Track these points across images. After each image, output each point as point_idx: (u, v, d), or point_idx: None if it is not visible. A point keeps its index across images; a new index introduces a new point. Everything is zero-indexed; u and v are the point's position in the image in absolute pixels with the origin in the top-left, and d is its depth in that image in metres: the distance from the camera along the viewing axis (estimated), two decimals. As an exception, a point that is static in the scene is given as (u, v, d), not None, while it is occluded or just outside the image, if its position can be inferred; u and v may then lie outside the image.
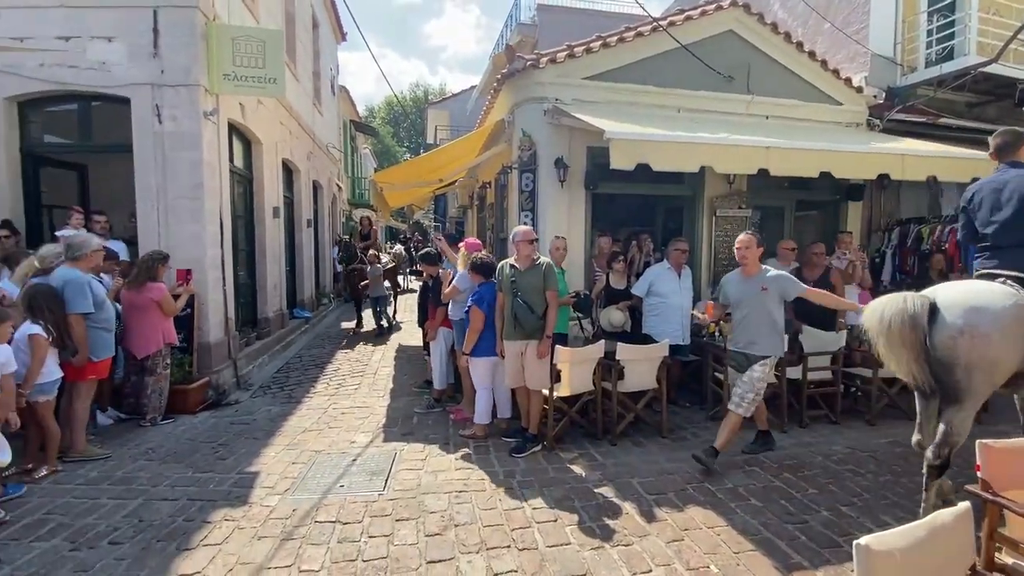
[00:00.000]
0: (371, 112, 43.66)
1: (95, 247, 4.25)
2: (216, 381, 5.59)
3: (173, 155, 5.40)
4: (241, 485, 3.57)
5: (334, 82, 14.49)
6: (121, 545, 2.84)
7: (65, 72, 5.33)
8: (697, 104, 6.15)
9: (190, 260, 5.46)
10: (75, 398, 4.02)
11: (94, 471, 3.75)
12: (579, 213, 5.86)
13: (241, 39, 5.67)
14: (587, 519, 3.16)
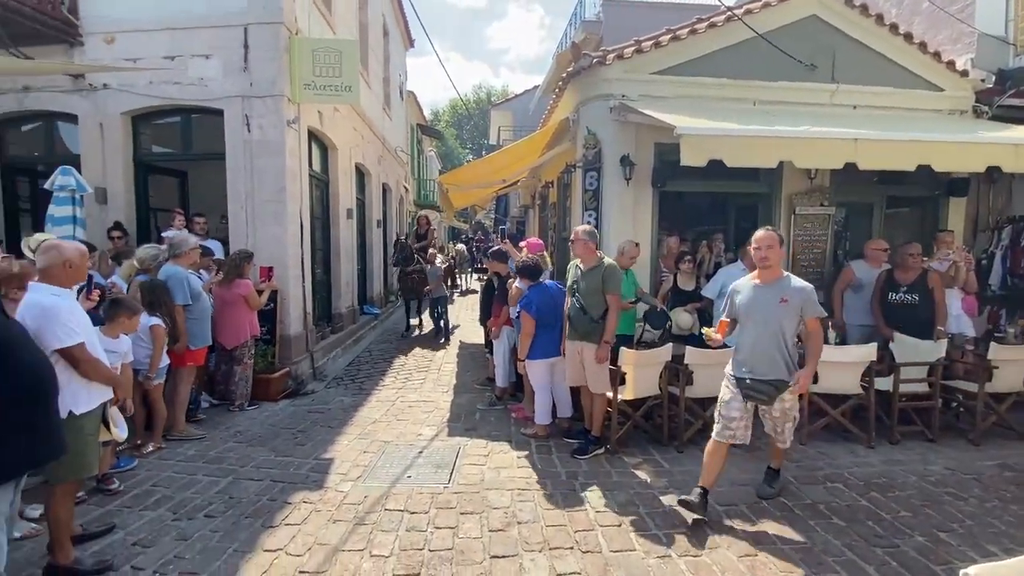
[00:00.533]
0: (436, 115, 44.89)
1: (192, 245, 4.68)
2: (295, 371, 5.97)
3: (260, 161, 5.83)
4: (317, 470, 3.79)
5: (402, 87, 15.03)
6: (214, 519, 3.11)
7: (170, 88, 5.90)
8: (775, 96, 5.81)
9: (274, 259, 5.87)
10: (178, 382, 4.44)
11: (191, 450, 4.13)
12: (645, 212, 5.71)
13: (320, 50, 6.01)
14: (652, 526, 3.08)
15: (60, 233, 4.91)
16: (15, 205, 6.64)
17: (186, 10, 5.77)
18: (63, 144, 6.52)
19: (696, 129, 4.26)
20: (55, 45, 5.86)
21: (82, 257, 2.65)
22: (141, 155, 6.38)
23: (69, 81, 6.01)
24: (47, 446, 2.06)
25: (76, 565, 2.54)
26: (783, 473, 3.59)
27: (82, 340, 2.54)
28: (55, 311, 2.45)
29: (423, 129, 20.89)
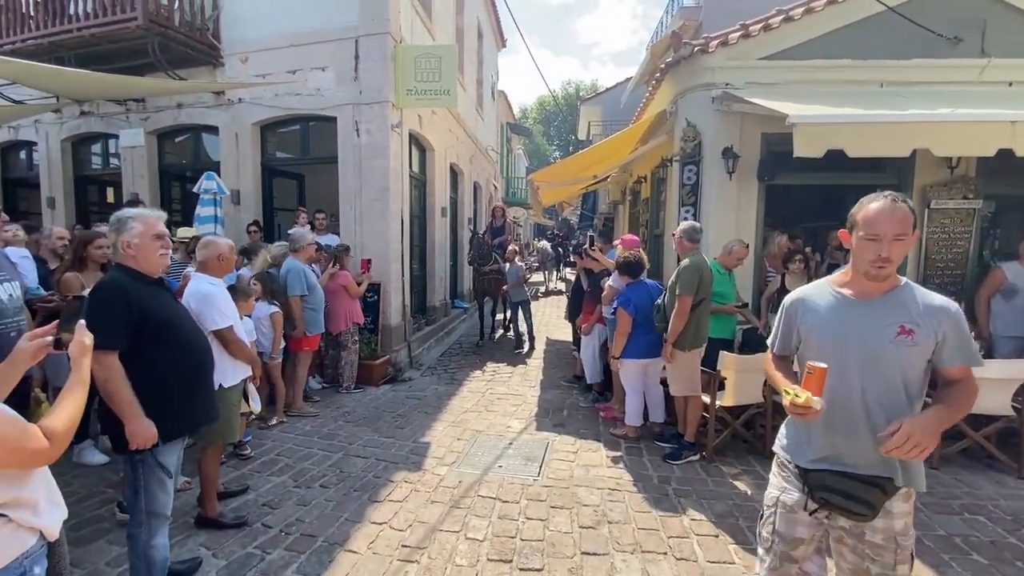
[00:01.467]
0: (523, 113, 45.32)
1: (309, 241, 5.16)
2: (394, 359, 6.38)
3: (366, 163, 6.28)
4: (416, 453, 4.03)
5: (494, 87, 15.35)
6: (328, 489, 3.42)
7: (292, 99, 6.54)
8: (907, 75, 5.17)
9: (377, 253, 6.31)
10: (297, 364, 4.94)
11: (307, 425, 4.57)
12: (749, 207, 5.36)
13: (422, 57, 6.33)
14: (754, 541, 2.89)
15: (204, 230, 5.65)
16: (169, 206, 7.74)
17: (306, 27, 6.35)
18: (206, 152, 7.48)
19: (812, 117, 3.92)
20: (202, 67, 6.73)
21: (231, 251, 3.05)
22: (267, 160, 7.13)
23: (212, 97, 6.87)
24: (208, 411, 2.41)
25: (220, 518, 2.94)
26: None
27: (231, 323, 2.91)
28: (213, 297, 2.83)
29: (512, 127, 21.20)
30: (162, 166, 7.60)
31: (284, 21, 6.44)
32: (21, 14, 6.64)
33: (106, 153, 8.16)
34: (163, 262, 2.26)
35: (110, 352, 1.98)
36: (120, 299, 2.04)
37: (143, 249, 2.14)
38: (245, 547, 2.78)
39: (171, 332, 2.21)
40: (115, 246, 2.15)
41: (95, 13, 6.12)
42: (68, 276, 3.40)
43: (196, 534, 2.88)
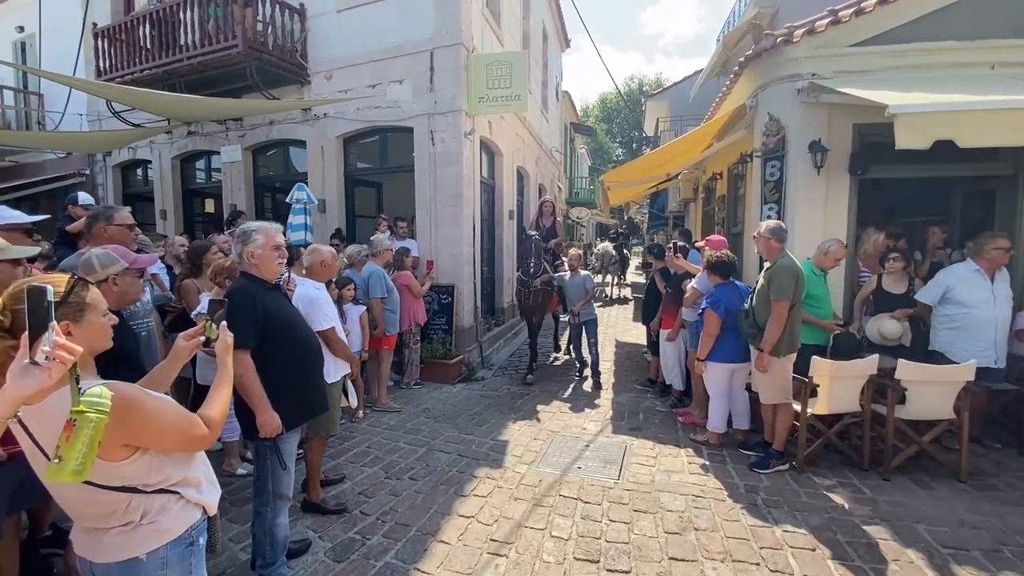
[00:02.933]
0: (585, 111, 44.93)
1: (386, 246, 5.43)
2: (468, 359, 6.57)
3: (441, 171, 6.52)
4: (495, 450, 4.15)
5: (558, 88, 15.36)
6: (416, 481, 3.61)
7: (372, 112, 6.91)
8: (1021, 56, 4.67)
9: (451, 256, 6.54)
10: (380, 362, 5.23)
11: (392, 420, 4.83)
12: (840, 203, 5.04)
13: (493, 64, 6.49)
14: (856, 557, 2.76)
15: (295, 238, 6.09)
16: (263, 215, 8.41)
17: (385, 43, 6.69)
18: (294, 165, 8.06)
19: (916, 106, 3.64)
20: (291, 85, 7.28)
21: (333, 258, 3.32)
22: (349, 170, 7.57)
23: (300, 114, 7.40)
24: (321, 403, 2.65)
25: (323, 503, 3.19)
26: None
27: (334, 325, 3.16)
28: (319, 301, 3.09)
29: (576, 127, 21.10)
30: (256, 179, 8.27)
31: (364, 39, 6.83)
32: (139, 47, 7.49)
33: (209, 168, 9.01)
34: (280, 270, 2.51)
35: (244, 350, 2.22)
36: (249, 303, 2.29)
37: (264, 259, 2.39)
38: (347, 532, 3.00)
39: (290, 332, 2.44)
40: (241, 256, 2.40)
41: (202, 43, 6.79)
42: (187, 283, 3.82)
43: (303, 517, 3.14)
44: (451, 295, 6.45)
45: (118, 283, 2.30)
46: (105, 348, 1.45)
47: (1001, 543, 2.87)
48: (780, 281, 3.60)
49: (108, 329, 1.45)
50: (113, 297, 2.21)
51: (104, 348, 1.45)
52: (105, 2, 8.84)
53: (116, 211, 3.07)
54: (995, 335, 3.89)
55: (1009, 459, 3.96)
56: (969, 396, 3.57)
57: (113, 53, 7.70)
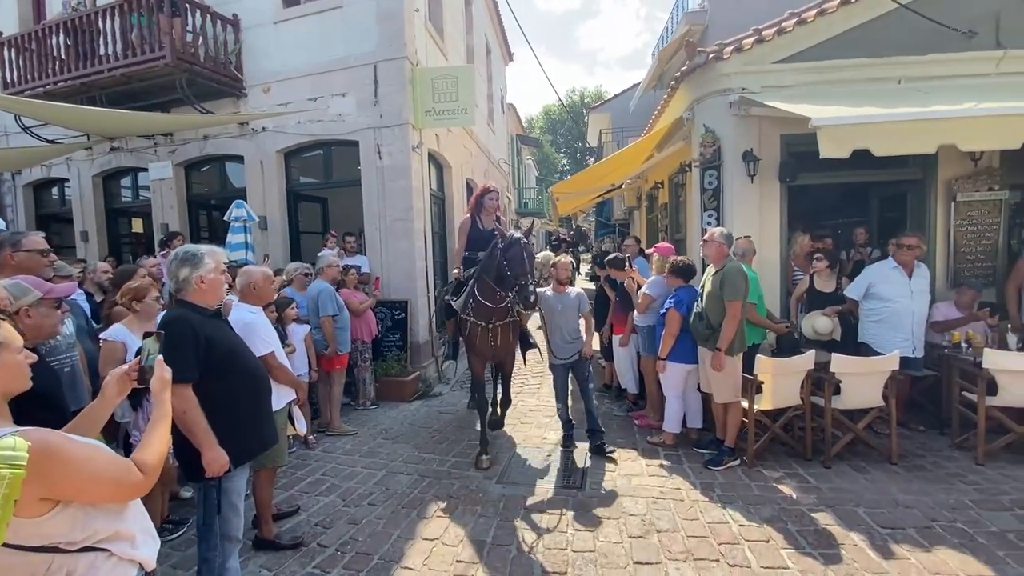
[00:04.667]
0: (530, 123, 45.64)
1: (329, 263, 5.24)
2: (424, 375, 6.46)
3: (390, 184, 6.41)
4: (458, 468, 4.09)
5: (503, 101, 15.55)
6: (377, 507, 3.49)
7: (314, 126, 6.72)
8: (925, 71, 5.16)
9: (403, 271, 6.43)
10: (332, 384, 5.04)
11: (348, 444, 4.66)
12: (772, 209, 5.37)
13: (439, 78, 6.48)
14: (806, 545, 2.91)
15: (235, 258, 5.80)
16: (197, 235, 7.95)
17: (326, 56, 6.54)
18: (231, 181, 7.69)
19: (835, 119, 3.95)
20: (227, 98, 6.96)
21: (266, 279, 3.10)
22: (291, 186, 7.31)
23: (237, 128, 7.09)
24: (270, 434, 2.51)
25: (277, 539, 3.02)
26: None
27: (274, 349, 3.01)
28: (254, 325, 2.93)
29: (522, 139, 21.40)
30: (190, 196, 7.83)
31: (304, 52, 6.65)
32: (52, 57, 6.94)
33: (136, 186, 8.43)
34: (224, 295, 2.37)
35: (185, 384, 2.08)
36: (189, 332, 2.14)
37: (215, 284, 2.25)
38: (305, 567, 2.85)
39: (234, 361, 2.31)
40: (186, 281, 2.25)
41: (124, 54, 6.38)
42: (117, 311, 3.54)
43: (255, 556, 2.96)
44: (405, 311, 6.34)
45: (32, 315, 2.11)
46: (23, 389, 1.32)
47: (932, 520, 3.11)
48: (733, 283, 3.79)
49: (25, 368, 1.32)
50: (28, 332, 2.01)
51: (21, 389, 1.32)
52: (12, 10, 8.15)
53: (24, 236, 2.80)
54: (912, 326, 4.25)
55: (932, 440, 4.31)
56: (895, 384, 3.87)
57: (22, 64, 7.09)
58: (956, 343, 4.32)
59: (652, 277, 4.76)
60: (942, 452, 4.07)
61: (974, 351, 4.06)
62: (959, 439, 4.11)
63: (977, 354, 3.93)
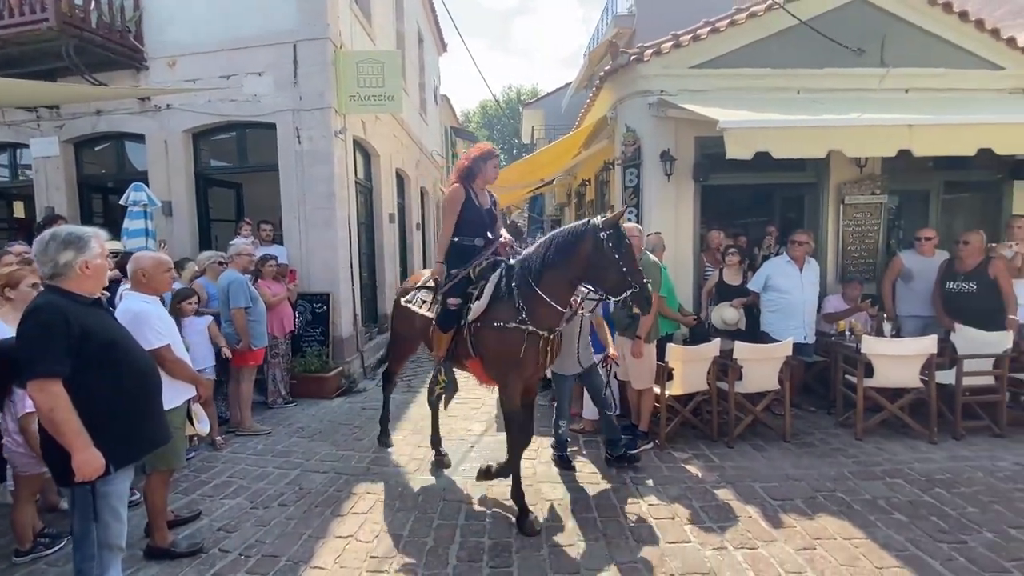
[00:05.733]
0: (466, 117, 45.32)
1: (240, 251, 4.92)
2: (347, 370, 6.24)
3: (310, 171, 6.12)
4: (377, 463, 3.99)
5: (436, 92, 15.30)
6: (288, 507, 3.33)
7: (227, 105, 6.26)
8: (821, 83, 5.66)
9: (325, 262, 6.17)
10: (241, 381, 4.74)
11: (259, 444, 4.41)
12: (687, 207, 5.68)
13: (364, 63, 6.25)
14: (707, 519, 3.11)
15: (134, 245, 5.30)
16: (90, 220, 7.19)
17: (240, 31, 6.10)
18: (131, 162, 7.02)
19: (740, 122, 4.23)
20: (124, 71, 6.33)
21: (157, 266, 2.83)
22: (201, 169, 6.78)
23: (136, 103, 6.46)
24: (159, 433, 2.30)
25: (172, 547, 2.80)
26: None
27: (168, 342, 2.78)
28: (144, 316, 2.69)
29: (456, 132, 21.18)
30: (81, 177, 7.05)
31: (216, 24, 6.17)
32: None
33: (15, 164, 7.47)
34: (106, 282, 2.16)
35: (54, 379, 1.87)
36: (60, 322, 1.92)
37: (99, 269, 2.05)
38: (203, 575, 2.66)
39: (116, 353, 2.10)
40: (68, 266, 2.02)
41: (1, 14, 5.62)
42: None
43: (147, 566, 2.73)
44: (326, 304, 6.08)
45: None
46: None
47: (816, 490, 3.43)
48: (651, 275, 3.95)
49: None
50: None
51: None
52: None
53: None
54: (804, 315, 4.66)
55: (821, 419, 4.75)
56: (789, 369, 4.23)
57: None
58: (841, 331, 4.78)
59: None
60: (828, 430, 4.50)
61: (856, 338, 4.51)
62: (842, 417, 4.57)
63: (858, 341, 4.37)
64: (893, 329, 4.78)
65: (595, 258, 2.97)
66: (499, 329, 3.10)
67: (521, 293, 3.08)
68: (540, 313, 3.07)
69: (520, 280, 3.12)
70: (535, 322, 3.06)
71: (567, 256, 3.02)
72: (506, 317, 3.09)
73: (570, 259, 3.02)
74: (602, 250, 2.94)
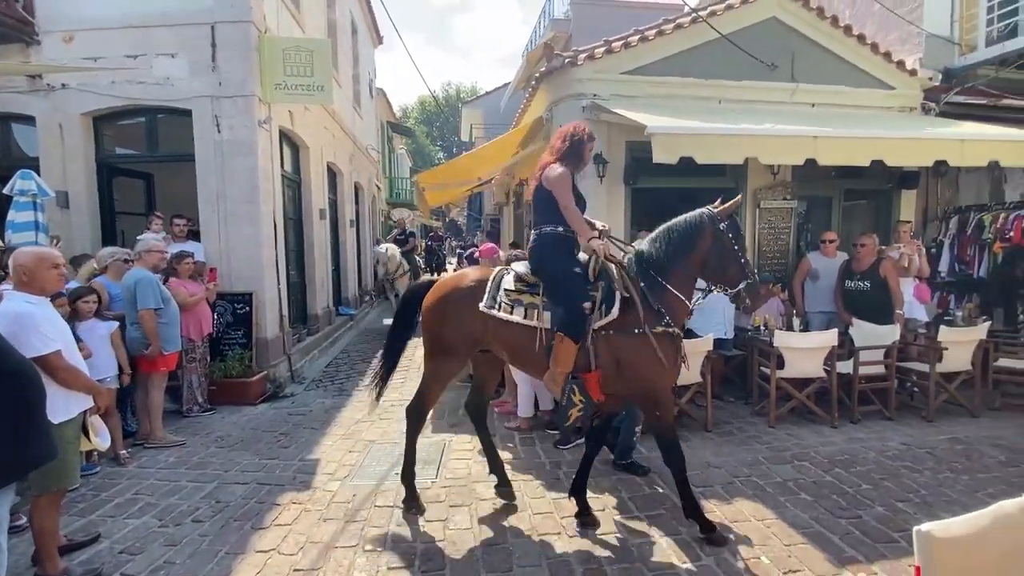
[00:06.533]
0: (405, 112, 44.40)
1: (150, 247, 4.53)
2: (273, 374, 5.91)
3: (231, 162, 5.73)
4: (304, 471, 3.81)
5: (372, 85, 14.87)
6: (202, 523, 3.10)
7: (134, 88, 5.74)
8: (739, 95, 6.04)
9: (248, 259, 5.81)
10: (150, 388, 4.36)
11: (172, 456, 4.08)
12: (618, 209, 5.87)
13: (291, 50, 5.94)
14: (635, 509, 3.22)
15: (22, 239, 4.73)
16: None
17: (150, 7, 5.61)
18: (19, 147, 6.27)
19: (666, 128, 4.42)
20: (11, 44, 5.64)
21: (38, 263, 2.52)
22: (104, 157, 6.18)
23: (26, 81, 5.78)
24: (45, 449, 2.06)
25: (65, 575, 2.52)
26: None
27: (59, 348, 2.50)
28: (27, 318, 2.41)
29: (393, 127, 20.70)
30: (-45, 162, 6.21)
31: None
32: None
33: None
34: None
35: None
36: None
37: None
38: (100, 603, 2.42)
39: (-12, 362, 1.86)
40: None
41: None
42: None
43: (32, 599, 2.44)
44: (248, 304, 5.72)
45: None
46: None
47: (734, 476, 3.65)
48: None
49: None
50: None
51: None
52: None
53: None
54: (724, 312, 4.95)
55: (739, 409, 5.07)
56: (710, 362, 4.48)
57: None
58: (757, 326, 5.13)
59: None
60: (746, 419, 4.81)
61: (769, 333, 4.85)
62: (758, 407, 4.91)
63: (771, 335, 4.70)
64: (801, 324, 5.19)
65: (715, 250, 2.88)
66: (642, 335, 2.77)
67: (654, 294, 2.86)
68: (677, 313, 2.90)
69: (647, 279, 2.89)
70: (676, 321, 2.88)
71: (689, 250, 2.89)
72: (649, 321, 2.79)
73: (692, 253, 2.90)
74: (722, 241, 2.87)
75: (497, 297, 3.00)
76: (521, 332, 2.93)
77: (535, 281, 3.00)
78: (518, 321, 2.93)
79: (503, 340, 3.01)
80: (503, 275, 3.09)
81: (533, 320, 2.90)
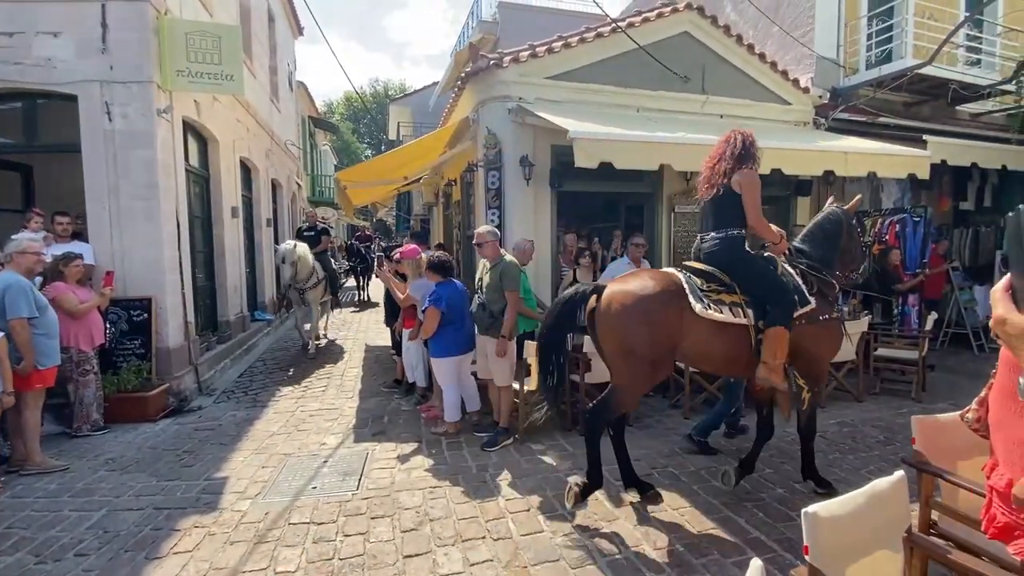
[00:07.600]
0: (330, 108, 42.65)
1: (23, 248, 4.01)
2: (177, 387, 5.42)
3: (125, 154, 5.19)
4: (210, 491, 3.51)
5: (292, 78, 14.11)
6: (87, 556, 2.76)
7: (9, 69, 5.04)
8: (655, 104, 6.35)
9: (146, 262, 5.28)
10: (24, 408, 3.83)
11: (52, 484, 3.61)
12: (544, 211, 5.97)
13: (195, 34, 5.49)
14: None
15: None
16: None
17: (23, -22, 4.96)
18: None
19: (587, 133, 4.55)
20: None
21: None
22: (-33, 145, 5.39)
23: None
24: None
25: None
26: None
27: None
28: None
29: (316, 122, 19.76)
30: None
31: (-14, -36, 4.93)
32: None
33: None
34: None
35: None
36: None
37: None
38: (-51, 662, 2.08)
39: None
40: None
41: None
42: None
43: None
44: (146, 310, 5.20)
45: None
46: None
47: (652, 468, 3.81)
48: (511, 275, 4.10)
49: None
50: None
51: None
52: None
53: None
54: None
55: (658, 402, 5.31)
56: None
57: None
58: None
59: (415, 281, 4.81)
60: (664, 412, 5.05)
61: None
62: (674, 400, 5.17)
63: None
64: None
65: (850, 243, 3.37)
66: (825, 324, 3.19)
67: (825, 285, 3.24)
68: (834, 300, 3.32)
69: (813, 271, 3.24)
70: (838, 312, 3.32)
71: (836, 243, 3.34)
72: (828, 310, 3.22)
73: (836, 245, 3.34)
74: (854, 235, 3.38)
75: (705, 298, 3.00)
76: (734, 332, 3.02)
77: (729, 281, 3.09)
78: (730, 321, 2.99)
79: (703, 343, 3.00)
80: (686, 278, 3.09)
81: (741, 318, 3.01)
